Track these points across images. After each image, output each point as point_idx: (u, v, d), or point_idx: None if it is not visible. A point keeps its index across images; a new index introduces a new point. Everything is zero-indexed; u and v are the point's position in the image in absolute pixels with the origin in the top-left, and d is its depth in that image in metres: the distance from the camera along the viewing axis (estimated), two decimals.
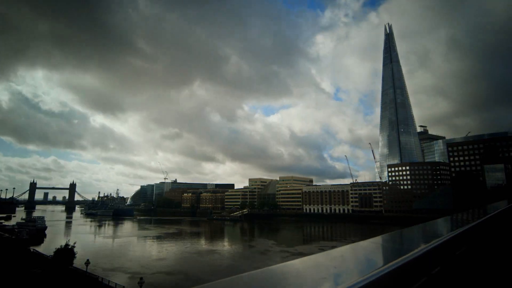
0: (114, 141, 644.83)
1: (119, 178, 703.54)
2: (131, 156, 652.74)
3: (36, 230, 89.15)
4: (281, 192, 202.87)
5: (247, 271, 1.71)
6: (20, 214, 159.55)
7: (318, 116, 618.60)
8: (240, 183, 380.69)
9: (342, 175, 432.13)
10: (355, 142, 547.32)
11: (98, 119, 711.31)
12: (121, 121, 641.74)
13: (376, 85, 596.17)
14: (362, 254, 2.67)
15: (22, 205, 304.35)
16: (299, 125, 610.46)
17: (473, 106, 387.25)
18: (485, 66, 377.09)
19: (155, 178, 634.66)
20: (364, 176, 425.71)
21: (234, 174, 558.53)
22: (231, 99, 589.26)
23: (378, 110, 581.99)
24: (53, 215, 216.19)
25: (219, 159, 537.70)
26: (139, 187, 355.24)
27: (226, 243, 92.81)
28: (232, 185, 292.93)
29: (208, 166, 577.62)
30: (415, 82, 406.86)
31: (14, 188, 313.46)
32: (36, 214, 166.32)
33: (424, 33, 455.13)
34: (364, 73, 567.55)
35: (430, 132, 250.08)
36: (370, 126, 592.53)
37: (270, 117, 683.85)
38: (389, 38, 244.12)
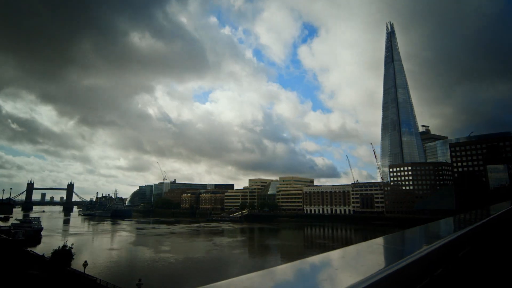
0: (37, 133, 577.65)
1: (88, 177, 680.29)
2: (75, 151, 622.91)
3: (32, 231, 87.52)
4: (282, 192, 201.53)
5: (247, 273, 1.69)
6: (17, 215, 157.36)
7: (259, 103, 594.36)
8: (211, 182, 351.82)
9: (329, 173, 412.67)
10: (313, 134, 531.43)
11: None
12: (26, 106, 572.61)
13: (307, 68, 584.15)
14: (364, 255, 2.61)
15: (19, 206, 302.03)
16: (241, 113, 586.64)
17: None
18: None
19: (124, 176, 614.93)
20: (351, 175, 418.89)
21: (210, 173, 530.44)
22: (143, 76, 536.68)
23: (323, 96, 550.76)
24: (51, 216, 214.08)
25: (183, 155, 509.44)
26: (137, 188, 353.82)
27: (225, 245, 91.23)
28: (232, 186, 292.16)
29: (170, 163, 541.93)
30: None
31: (11, 188, 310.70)
32: (33, 215, 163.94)
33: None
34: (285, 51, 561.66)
35: (432, 132, 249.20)
36: (326, 117, 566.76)
37: (208, 104, 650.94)
38: (390, 37, 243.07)
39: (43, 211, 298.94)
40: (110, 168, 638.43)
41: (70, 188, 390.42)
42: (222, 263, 61.98)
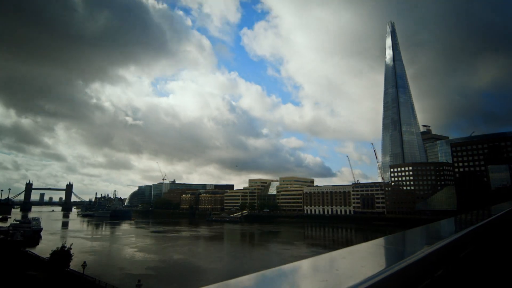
0: None
1: (71, 177, 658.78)
2: (43, 149, 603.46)
3: (31, 232, 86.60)
4: (282, 193, 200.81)
5: (246, 274, 1.66)
6: (16, 216, 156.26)
7: (222, 95, 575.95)
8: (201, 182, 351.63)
9: (322, 172, 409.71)
10: (293, 129, 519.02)
11: None
12: None
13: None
14: (365, 256, 2.58)
15: (17, 206, 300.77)
16: (206, 106, 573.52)
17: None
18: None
19: (107, 176, 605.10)
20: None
21: (198, 172, 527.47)
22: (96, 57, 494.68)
23: (286, 89, 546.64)
24: (49, 216, 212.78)
25: (160, 152, 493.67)
26: (136, 188, 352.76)
27: (225, 247, 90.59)
28: (231, 186, 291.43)
29: (148, 162, 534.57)
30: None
31: (9, 189, 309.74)
32: (32, 215, 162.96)
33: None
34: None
35: (433, 131, 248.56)
36: (299, 110, 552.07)
37: (171, 97, 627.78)
38: (391, 36, 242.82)
39: (53, 211, 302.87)
40: (85, 166, 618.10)
41: (69, 188, 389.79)
42: (221, 265, 61.23)
